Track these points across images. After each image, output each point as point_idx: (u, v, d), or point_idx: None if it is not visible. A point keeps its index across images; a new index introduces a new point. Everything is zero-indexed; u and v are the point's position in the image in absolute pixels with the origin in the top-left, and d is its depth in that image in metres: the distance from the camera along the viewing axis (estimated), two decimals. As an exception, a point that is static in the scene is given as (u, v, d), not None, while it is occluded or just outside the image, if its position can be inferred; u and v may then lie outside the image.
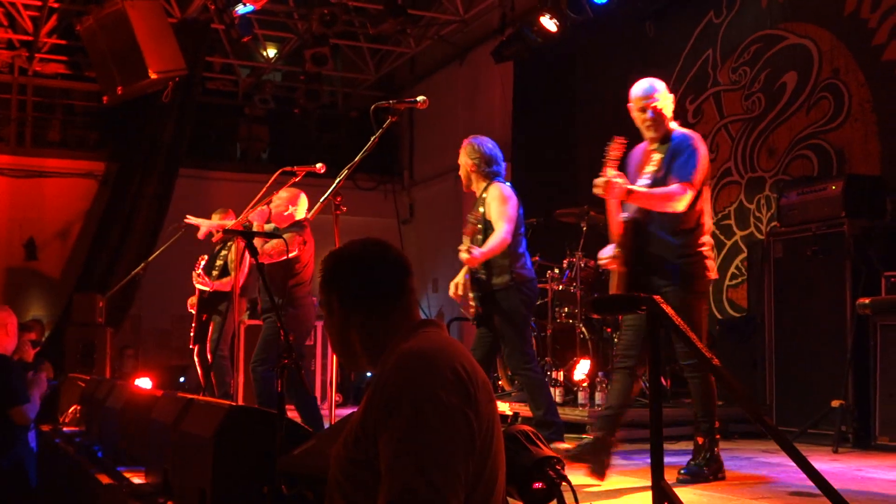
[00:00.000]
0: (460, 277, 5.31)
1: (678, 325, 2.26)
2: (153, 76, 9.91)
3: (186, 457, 3.60)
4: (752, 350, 7.03)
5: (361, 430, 1.99)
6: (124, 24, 9.78)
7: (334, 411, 4.50)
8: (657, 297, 2.40)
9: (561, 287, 7.60)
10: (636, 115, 4.70)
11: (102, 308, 9.74)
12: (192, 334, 7.73)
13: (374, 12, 11.26)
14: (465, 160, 5.36)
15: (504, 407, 4.57)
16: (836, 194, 6.39)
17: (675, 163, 4.50)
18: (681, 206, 4.45)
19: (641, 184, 4.47)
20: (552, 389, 7.03)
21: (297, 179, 5.54)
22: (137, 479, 4.42)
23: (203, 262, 7.54)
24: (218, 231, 7.59)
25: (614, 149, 4.30)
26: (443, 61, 13.37)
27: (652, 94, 4.70)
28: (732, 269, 8.60)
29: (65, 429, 6.48)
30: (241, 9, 9.78)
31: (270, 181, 5.41)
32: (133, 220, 12.22)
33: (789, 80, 8.13)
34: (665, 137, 4.65)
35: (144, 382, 7.39)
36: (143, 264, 8.33)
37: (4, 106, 13.50)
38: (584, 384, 6.84)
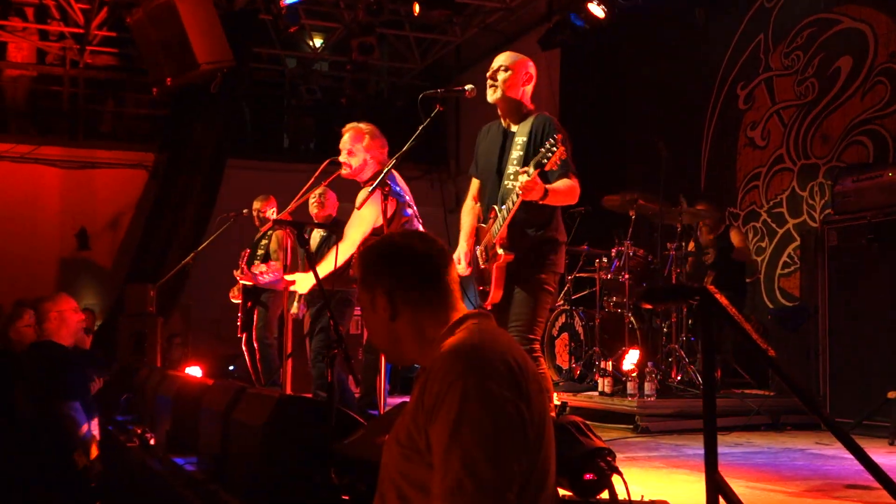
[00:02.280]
0: None
1: (733, 317, 2.23)
2: (202, 67, 10.00)
3: (237, 445, 3.64)
4: (805, 340, 6.94)
5: (413, 423, 1.98)
6: (173, 15, 9.87)
7: (383, 400, 4.51)
8: (710, 288, 2.37)
9: (609, 276, 7.56)
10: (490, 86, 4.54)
11: (153, 297, 9.85)
12: (238, 323, 7.82)
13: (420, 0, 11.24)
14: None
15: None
16: (892, 181, 6.27)
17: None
18: (577, 199, 4.41)
19: (515, 173, 4.29)
20: (601, 380, 7.02)
21: (342, 173, 5.56)
22: (189, 467, 4.48)
23: (246, 257, 7.64)
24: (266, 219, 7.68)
25: (561, 154, 4.15)
26: (489, 49, 13.29)
27: (514, 62, 4.52)
28: (784, 258, 8.49)
29: (117, 416, 6.59)
30: (288, -1, 9.83)
31: (318, 171, 5.42)
32: (182, 210, 12.32)
33: (844, 65, 7.99)
34: (523, 118, 4.51)
35: (195, 371, 7.47)
36: (192, 254, 8.41)
37: (56, 98, 13.71)
38: (633, 374, 6.79)
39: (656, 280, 7.27)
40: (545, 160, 4.06)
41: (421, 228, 5.09)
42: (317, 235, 6.75)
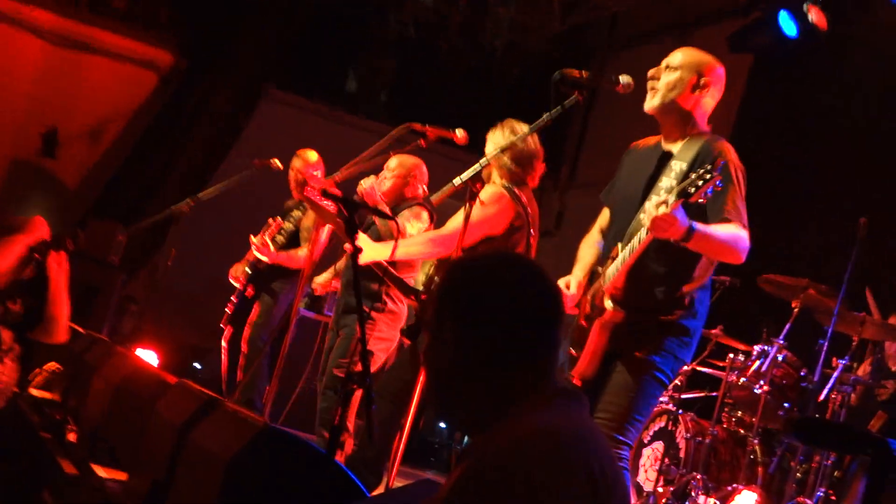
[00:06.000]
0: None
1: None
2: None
3: (190, 476, 3.66)
4: None
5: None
6: None
7: (395, 470, 4.49)
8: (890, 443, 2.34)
9: (741, 380, 7.45)
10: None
11: (121, 244, 9.93)
12: (228, 311, 7.87)
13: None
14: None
15: None
16: None
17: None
18: (743, 258, 4.38)
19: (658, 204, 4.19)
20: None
21: (423, 144, 5.58)
22: (113, 486, 4.51)
23: (276, 229, 7.70)
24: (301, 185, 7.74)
25: (715, 183, 4.07)
26: (656, 30, 13.21)
27: (688, 61, 4.58)
28: None
29: (33, 391, 6.65)
30: None
31: (389, 137, 5.45)
32: (192, 137, 12.41)
33: None
34: (690, 138, 4.54)
35: (147, 356, 7.56)
36: (189, 200, 8.32)
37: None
38: (743, 524, 6.70)
39: (807, 403, 7.16)
40: (693, 188, 4.02)
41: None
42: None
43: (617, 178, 4.82)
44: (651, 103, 4.59)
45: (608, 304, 4.29)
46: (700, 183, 4.01)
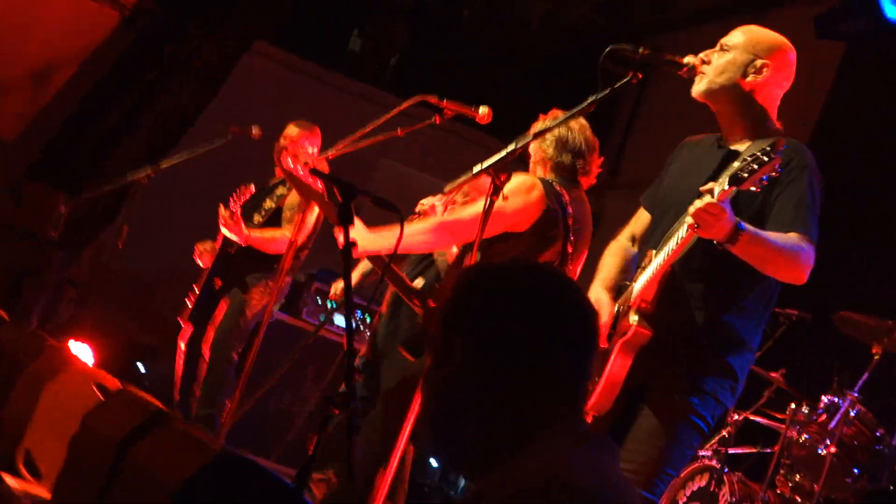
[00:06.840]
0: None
1: None
2: None
3: (126, 502, 3.65)
4: None
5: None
6: None
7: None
8: None
9: (803, 437, 7.43)
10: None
11: (63, 216, 9.92)
12: (189, 304, 7.85)
13: None
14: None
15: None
16: None
17: (782, 191, 4.32)
18: (804, 276, 4.32)
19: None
20: None
21: (437, 121, 5.59)
22: (29, 498, 4.52)
23: (248, 196, 7.66)
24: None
25: (773, 168, 3.99)
26: (723, 6, 13.19)
27: (746, 41, 4.57)
28: None
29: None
30: None
31: (397, 111, 5.45)
32: (157, 92, 12.39)
33: None
34: (757, 133, 4.50)
35: (80, 350, 7.55)
36: (149, 168, 8.31)
37: None
38: None
39: (880, 471, 7.14)
40: (746, 173, 3.93)
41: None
42: None
43: (664, 176, 4.79)
44: (696, 88, 4.57)
45: (633, 318, 4.24)
46: (755, 167, 3.90)
